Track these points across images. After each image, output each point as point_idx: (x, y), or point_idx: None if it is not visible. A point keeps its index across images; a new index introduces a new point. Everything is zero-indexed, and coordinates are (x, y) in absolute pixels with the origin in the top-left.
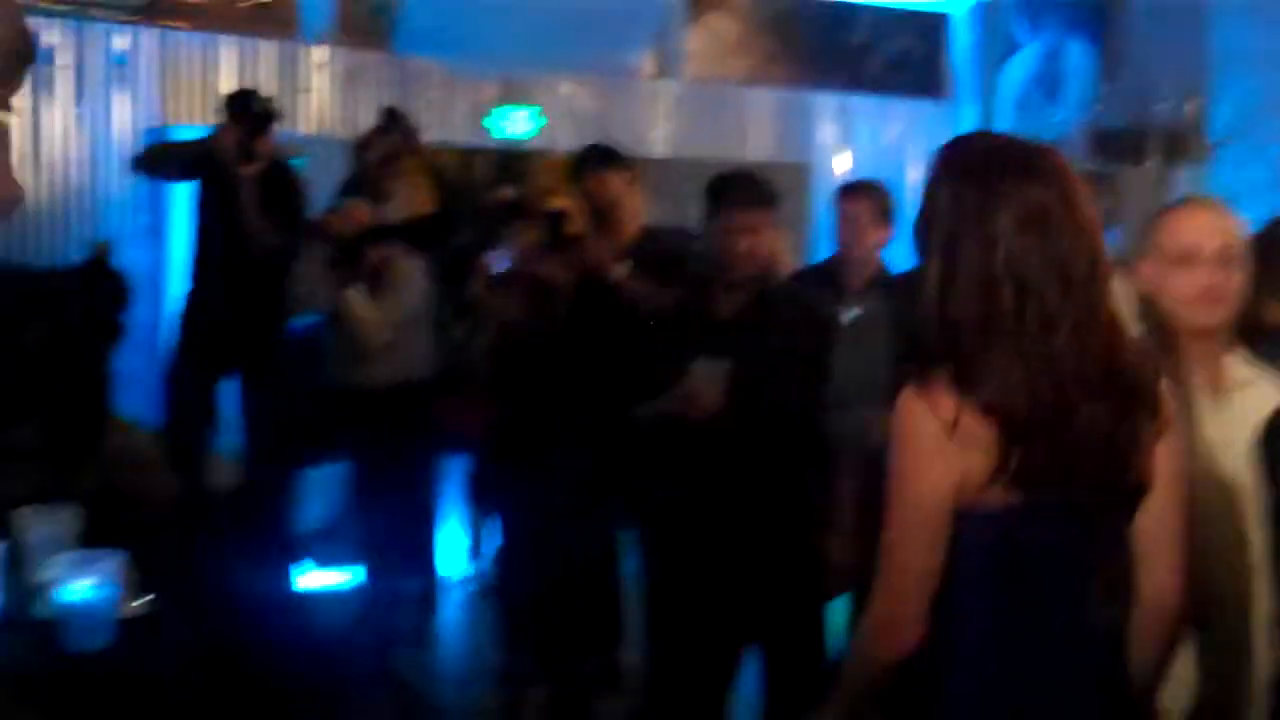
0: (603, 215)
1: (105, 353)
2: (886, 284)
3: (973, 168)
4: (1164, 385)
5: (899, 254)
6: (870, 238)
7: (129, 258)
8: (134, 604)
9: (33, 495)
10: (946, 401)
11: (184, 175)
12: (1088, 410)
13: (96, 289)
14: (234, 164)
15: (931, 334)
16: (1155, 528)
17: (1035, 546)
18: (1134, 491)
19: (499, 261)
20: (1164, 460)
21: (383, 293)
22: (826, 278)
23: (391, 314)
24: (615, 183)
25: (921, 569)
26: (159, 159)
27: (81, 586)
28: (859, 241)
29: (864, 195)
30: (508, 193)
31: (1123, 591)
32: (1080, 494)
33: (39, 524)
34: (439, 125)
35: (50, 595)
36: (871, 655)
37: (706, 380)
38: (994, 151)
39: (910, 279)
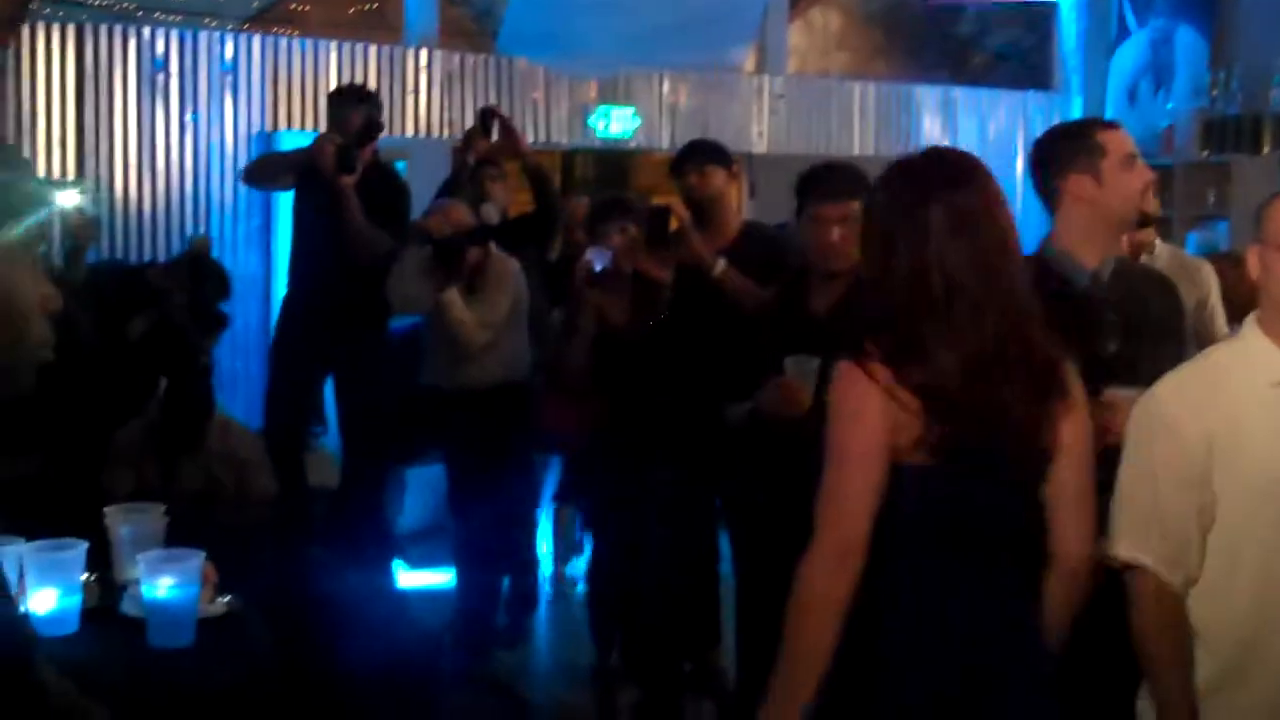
0: (704, 211)
1: (208, 343)
2: None
3: (911, 175)
4: (1070, 368)
5: None
6: None
7: (237, 260)
8: (217, 603)
9: (136, 494)
10: (882, 371)
11: (289, 185)
12: (1007, 391)
13: (197, 282)
14: (334, 176)
15: (869, 317)
16: (1065, 494)
17: (954, 504)
18: (1043, 460)
19: (599, 260)
20: (1071, 433)
21: (481, 294)
22: None
23: (490, 315)
24: (717, 178)
25: (859, 510)
26: (266, 171)
27: (164, 585)
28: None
29: None
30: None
31: (1037, 551)
32: (996, 462)
33: (127, 522)
34: (541, 126)
35: (134, 593)
36: (815, 591)
37: (796, 378)
38: (929, 162)
39: None
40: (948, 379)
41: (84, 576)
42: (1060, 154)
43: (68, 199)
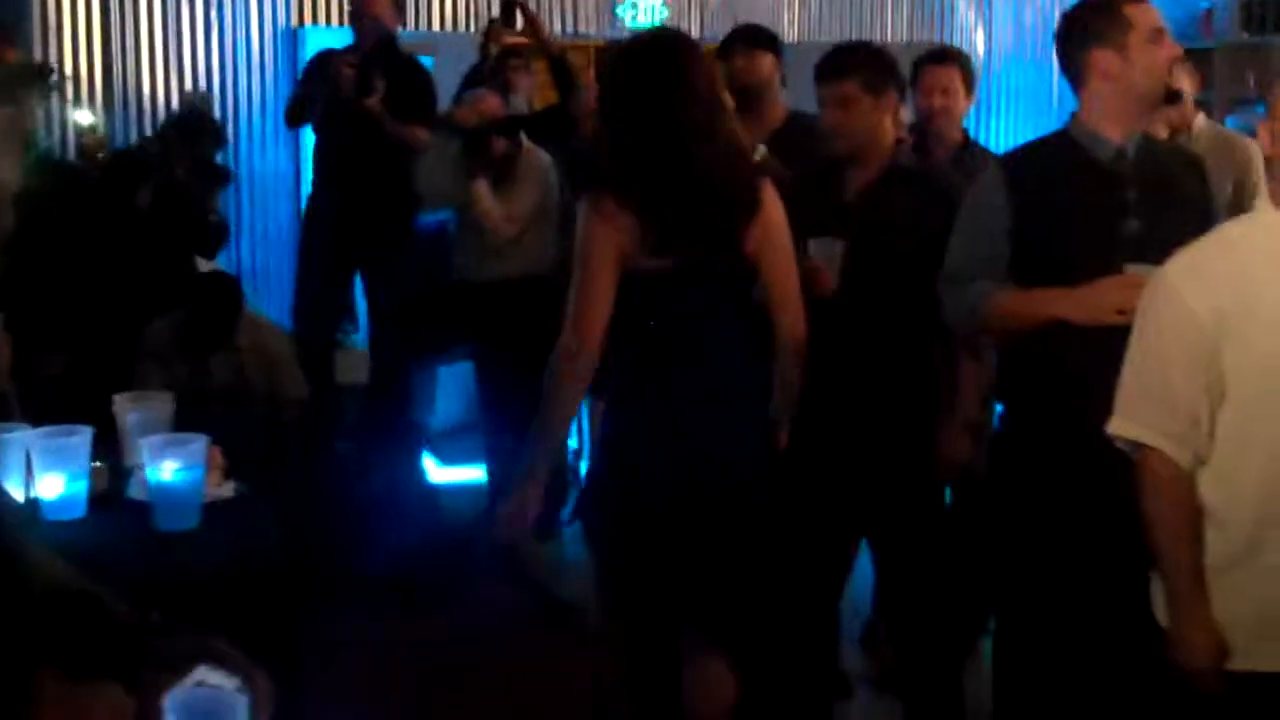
0: (748, 97)
1: (213, 199)
2: (971, 153)
3: (640, 52)
4: (769, 192)
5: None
6: (957, 106)
7: (265, 158)
8: (225, 487)
9: (170, 386)
10: (610, 200)
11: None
12: (711, 211)
13: (192, 140)
14: (357, 102)
15: (602, 163)
16: (775, 294)
17: (678, 304)
18: (744, 266)
19: None
20: (769, 242)
21: (511, 186)
22: (917, 151)
23: (518, 208)
24: (765, 64)
25: (597, 312)
26: (300, 110)
27: (169, 468)
28: (946, 110)
29: (951, 63)
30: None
31: (761, 341)
32: (705, 268)
33: (135, 409)
34: (568, 16)
35: (140, 477)
36: (558, 376)
37: (820, 260)
38: (656, 42)
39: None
40: (663, 202)
41: (95, 464)
42: (1086, 28)
43: (82, 118)
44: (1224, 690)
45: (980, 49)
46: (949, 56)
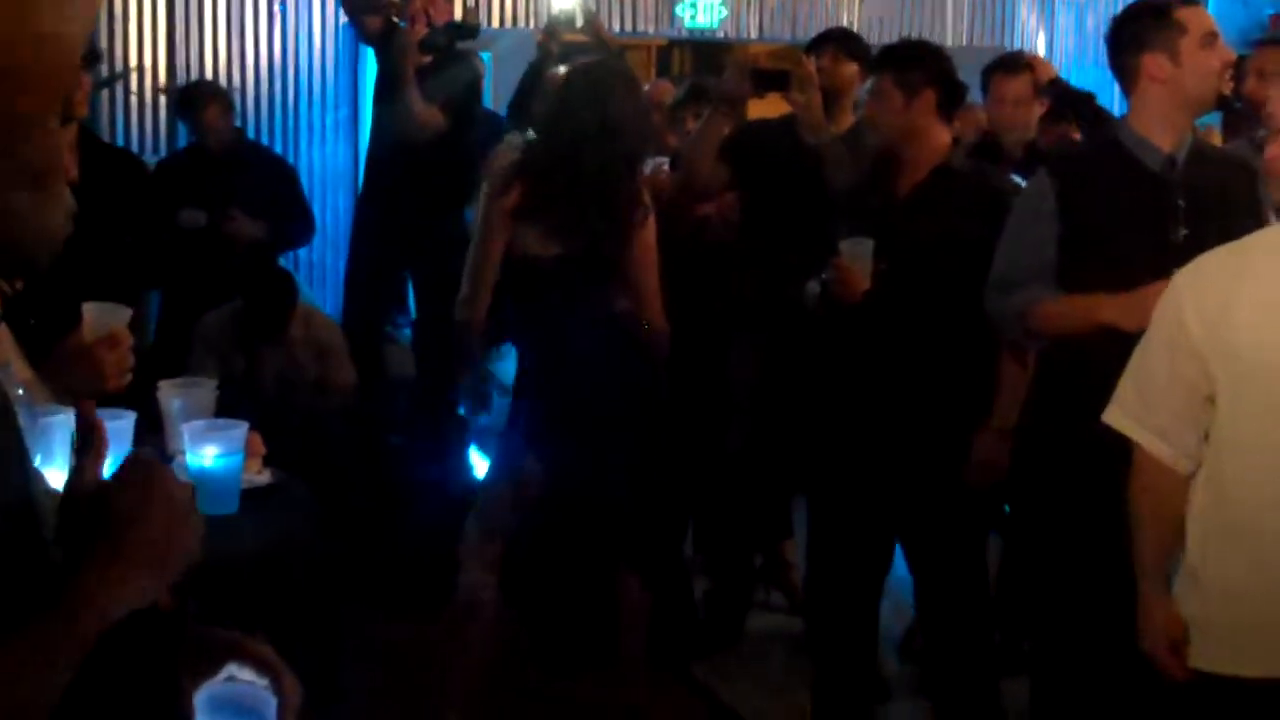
0: (825, 98)
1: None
2: (1042, 158)
3: (575, 79)
4: (644, 202)
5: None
6: (1028, 115)
7: (325, 152)
8: (264, 473)
9: (220, 382)
10: (512, 197)
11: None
12: (589, 211)
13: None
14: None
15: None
16: (636, 292)
17: (549, 287)
18: (610, 263)
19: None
20: (639, 248)
21: None
22: (984, 153)
23: None
24: (848, 70)
25: (485, 278)
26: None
27: (209, 454)
28: (1017, 120)
29: (1022, 73)
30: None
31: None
32: (575, 261)
33: (179, 395)
34: (627, 15)
35: (182, 462)
36: (464, 316)
37: (851, 261)
38: (590, 74)
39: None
40: (553, 201)
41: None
42: (1137, 32)
43: None
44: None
45: (1041, 53)
46: (1020, 66)
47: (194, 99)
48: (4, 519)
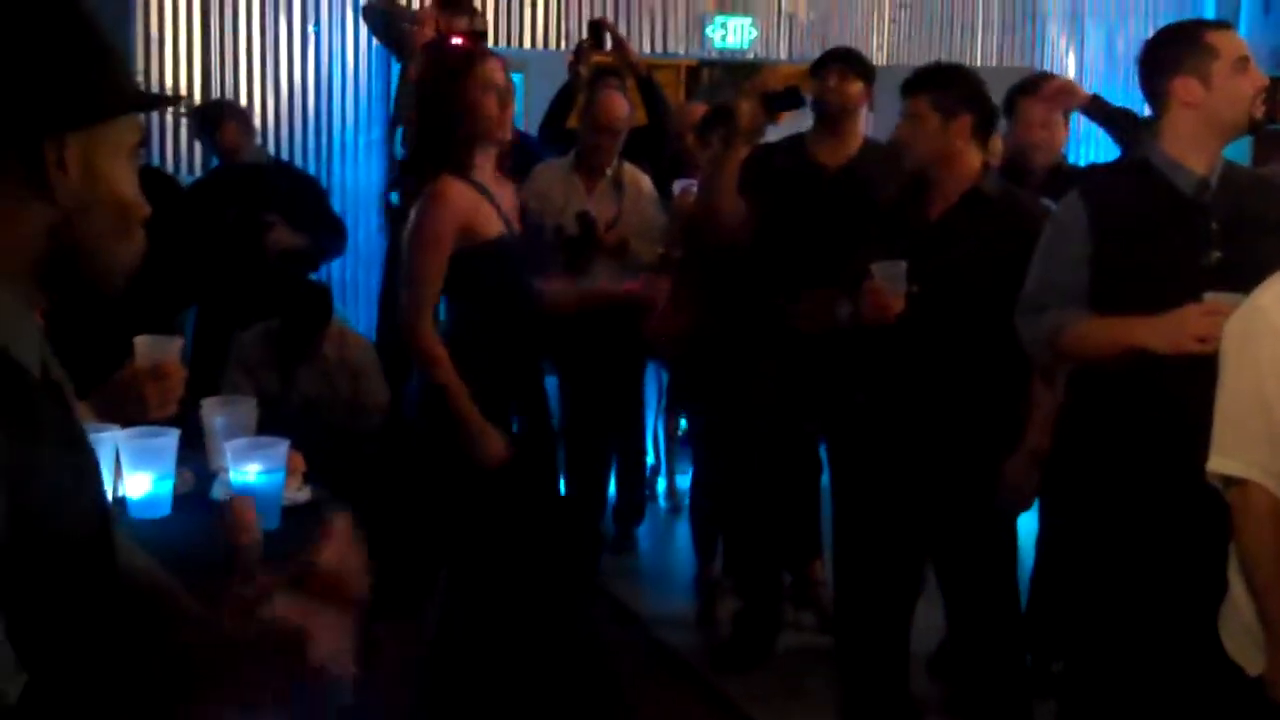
0: (833, 119)
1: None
2: (1066, 176)
3: (445, 60)
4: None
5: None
6: (1055, 139)
7: (358, 172)
8: (304, 490)
9: (258, 395)
10: (454, 184)
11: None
12: None
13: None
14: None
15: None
16: None
17: (505, 273)
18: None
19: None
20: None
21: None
22: (1008, 175)
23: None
24: (854, 89)
25: (432, 287)
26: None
27: (251, 470)
28: (1045, 144)
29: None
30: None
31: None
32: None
33: (221, 413)
34: (658, 36)
35: (224, 479)
36: (409, 321)
37: (884, 283)
38: (459, 54)
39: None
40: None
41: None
42: (1168, 56)
43: None
44: None
45: (1071, 75)
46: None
47: (212, 117)
48: (85, 540)
